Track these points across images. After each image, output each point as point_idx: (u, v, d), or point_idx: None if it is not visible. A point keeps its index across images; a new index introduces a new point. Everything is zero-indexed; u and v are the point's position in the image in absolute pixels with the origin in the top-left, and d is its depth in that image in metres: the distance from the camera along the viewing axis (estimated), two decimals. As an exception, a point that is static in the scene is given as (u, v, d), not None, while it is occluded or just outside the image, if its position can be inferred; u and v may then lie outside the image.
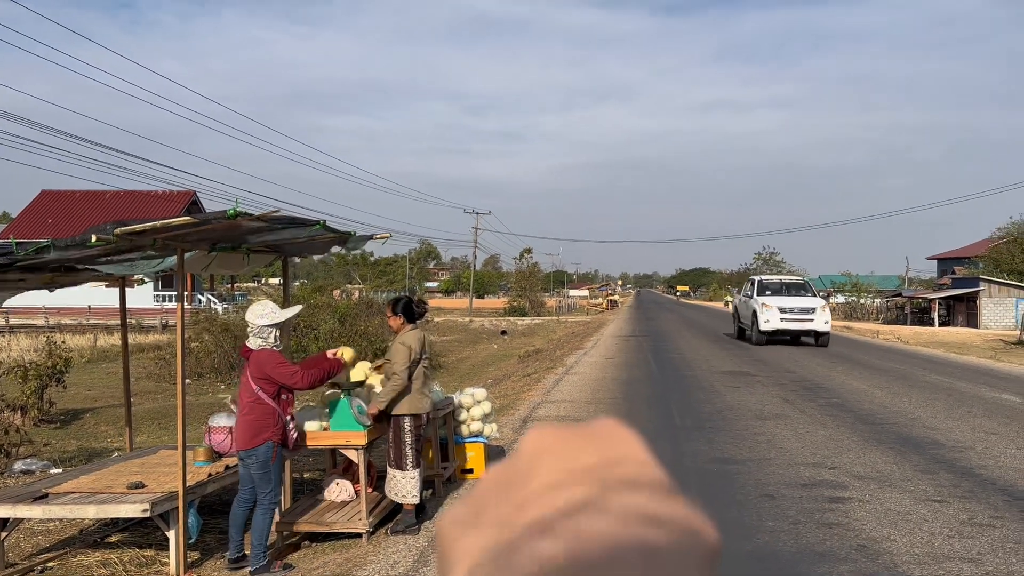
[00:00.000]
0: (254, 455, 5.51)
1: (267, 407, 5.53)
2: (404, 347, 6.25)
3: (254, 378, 5.55)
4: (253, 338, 5.65)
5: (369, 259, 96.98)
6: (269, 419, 5.53)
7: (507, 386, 16.76)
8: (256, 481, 5.57)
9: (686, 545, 0.36)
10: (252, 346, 5.66)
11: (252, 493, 5.66)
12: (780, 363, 20.44)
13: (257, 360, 5.59)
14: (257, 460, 5.51)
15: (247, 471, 5.62)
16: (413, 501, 6.26)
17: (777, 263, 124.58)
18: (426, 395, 6.43)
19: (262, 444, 5.50)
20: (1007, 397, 13.87)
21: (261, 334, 5.62)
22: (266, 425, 5.52)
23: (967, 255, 67.19)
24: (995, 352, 26.39)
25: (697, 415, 11.72)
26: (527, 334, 43.18)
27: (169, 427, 12.58)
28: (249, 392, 5.56)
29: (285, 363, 5.64)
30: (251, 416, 5.52)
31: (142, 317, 42.19)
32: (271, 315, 5.67)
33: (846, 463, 8.43)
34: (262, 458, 5.51)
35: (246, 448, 5.52)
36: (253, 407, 5.53)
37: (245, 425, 5.55)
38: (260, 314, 5.66)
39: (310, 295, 26.37)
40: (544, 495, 0.38)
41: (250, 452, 5.51)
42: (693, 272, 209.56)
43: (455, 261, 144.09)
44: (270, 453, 5.53)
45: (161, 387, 18.53)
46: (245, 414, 5.56)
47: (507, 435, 10.12)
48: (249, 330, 5.69)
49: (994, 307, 46.54)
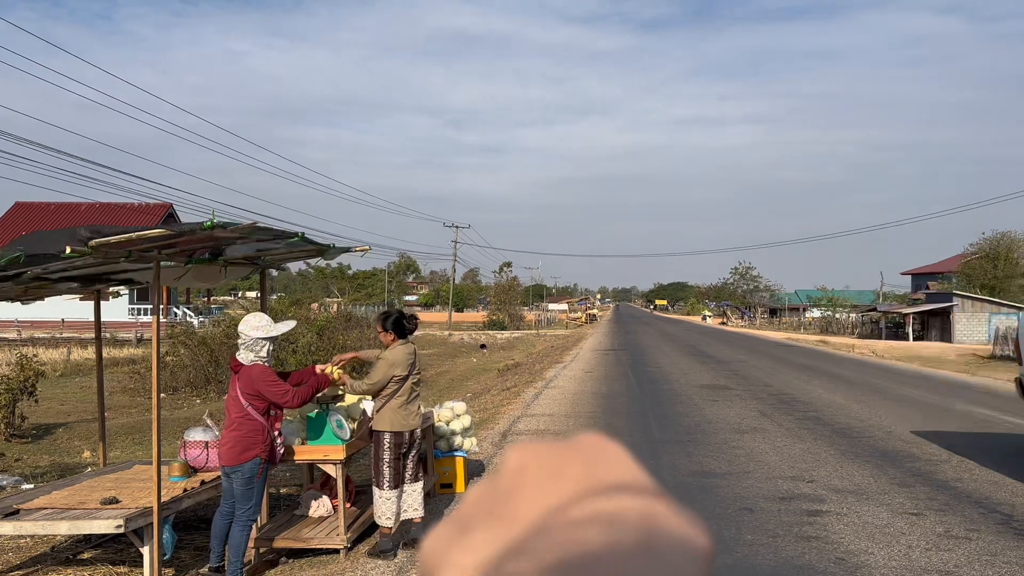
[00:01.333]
0: (239, 471, 5.42)
1: (256, 423, 5.44)
2: (385, 361, 6.09)
3: (244, 393, 5.44)
4: (245, 351, 5.54)
5: (347, 272, 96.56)
6: (258, 436, 5.44)
7: (486, 400, 16.71)
8: (237, 496, 5.48)
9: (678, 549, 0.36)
10: (243, 360, 5.55)
11: (234, 507, 5.58)
12: (758, 377, 20.56)
13: (249, 375, 5.49)
14: (242, 477, 5.42)
15: (230, 485, 5.54)
16: (386, 524, 6.02)
17: (754, 278, 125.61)
18: (412, 412, 6.17)
19: (249, 461, 5.41)
20: (981, 411, 14.03)
21: (254, 347, 5.52)
22: (255, 442, 5.43)
23: (940, 270, 68.07)
24: (969, 366, 26.71)
25: (676, 428, 11.74)
26: (506, 348, 43.14)
27: (143, 442, 12.42)
28: (238, 407, 5.46)
29: (278, 381, 5.56)
30: (239, 432, 5.42)
31: (117, 331, 41.68)
32: (266, 328, 5.58)
33: (824, 476, 8.48)
34: (247, 475, 5.43)
35: (233, 464, 5.42)
36: (242, 423, 5.43)
37: (233, 441, 5.44)
38: (255, 326, 5.56)
39: (288, 308, 26.18)
40: (531, 507, 0.38)
41: (236, 468, 5.42)
42: (671, 286, 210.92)
43: (434, 275, 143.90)
44: (256, 470, 5.45)
45: (135, 401, 18.29)
46: (233, 429, 5.45)
47: (486, 449, 10.08)
48: (241, 342, 5.60)
49: (967, 322, 47.15)
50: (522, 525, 0.37)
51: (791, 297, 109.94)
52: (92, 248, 4.77)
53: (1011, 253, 54.75)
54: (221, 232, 5.03)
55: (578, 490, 0.38)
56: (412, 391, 6.18)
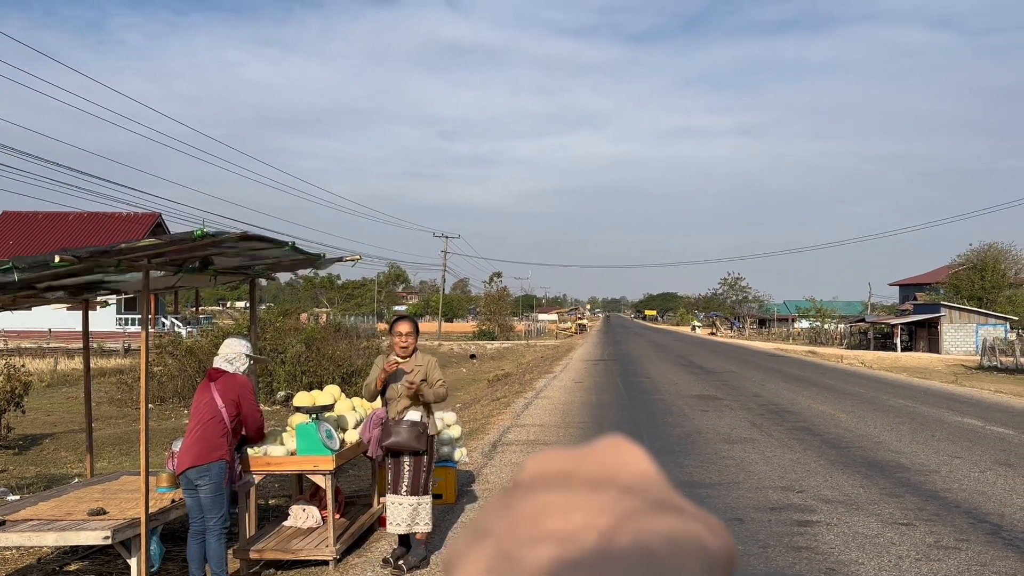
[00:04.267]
0: (207, 474, 5.33)
1: (224, 427, 5.43)
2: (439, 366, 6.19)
3: (223, 397, 5.46)
4: (227, 363, 5.62)
5: (336, 282, 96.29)
6: (223, 439, 5.42)
7: (476, 410, 16.67)
8: (206, 505, 5.37)
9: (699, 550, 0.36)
10: (227, 369, 5.61)
11: (204, 523, 5.49)
12: (747, 387, 20.59)
13: (234, 382, 5.53)
14: (211, 479, 5.34)
15: (195, 500, 5.44)
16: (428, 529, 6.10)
17: (743, 288, 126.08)
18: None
19: (216, 461, 5.36)
20: (969, 421, 14.09)
21: (237, 361, 5.60)
22: (221, 443, 5.40)
23: (928, 281, 68.44)
24: (956, 377, 26.83)
25: (666, 439, 11.74)
26: (496, 358, 43.09)
27: (131, 453, 12.32)
28: (210, 410, 5.43)
29: (256, 400, 5.72)
30: (207, 431, 5.38)
31: (104, 341, 41.42)
32: (250, 347, 5.80)
33: (814, 486, 8.49)
34: (216, 478, 5.36)
35: (200, 463, 5.33)
36: (210, 425, 5.39)
37: (200, 440, 5.38)
38: (242, 343, 5.76)
39: (276, 318, 26.07)
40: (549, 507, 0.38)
41: (204, 470, 5.33)
42: (661, 297, 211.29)
43: (424, 285, 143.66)
44: (223, 473, 5.40)
45: (123, 412, 18.16)
46: (199, 430, 5.40)
47: (476, 459, 10.05)
48: (223, 355, 5.66)
49: (955, 333, 47.41)
50: (534, 525, 0.37)
51: (780, 308, 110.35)
52: (80, 259, 4.75)
53: (998, 264, 55.12)
54: (211, 241, 5.01)
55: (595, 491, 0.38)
56: None
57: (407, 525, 5.88)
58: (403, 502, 5.87)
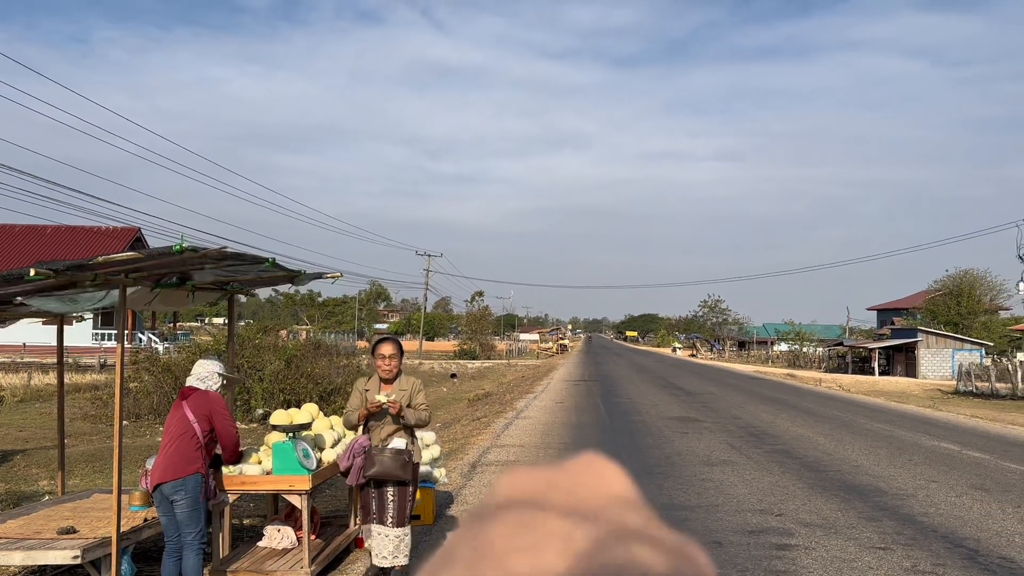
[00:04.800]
0: (183, 488, 5.25)
1: (197, 441, 5.36)
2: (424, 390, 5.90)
3: (195, 412, 5.40)
4: (199, 382, 5.57)
5: (317, 299, 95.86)
6: (198, 452, 5.35)
7: (456, 430, 16.58)
8: (182, 521, 5.28)
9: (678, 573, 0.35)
10: (200, 386, 5.56)
11: (180, 541, 5.40)
12: (727, 410, 20.64)
13: (207, 398, 5.47)
14: (187, 493, 5.26)
15: (169, 518, 5.34)
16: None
17: (723, 311, 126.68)
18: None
19: (192, 475, 5.28)
20: (946, 445, 14.18)
21: (209, 379, 5.55)
22: (195, 457, 5.33)
23: (905, 306, 69.11)
24: (933, 401, 27.04)
25: (646, 461, 11.72)
26: (477, 377, 42.95)
27: (104, 470, 12.13)
28: (183, 425, 5.37)
29: (231, 417, 5.64)
30: (180, 445, 5.31)
31: (80, 356, 40.92)
32: (224, 367, 5.74)
33: (792, 510, 8.49)
34: (192, 492, 5.28)
35: (175, 478, 5.25)
36: (183, 439, 5.33)
37: (175, 454, 5.30)
38: (216, 363, 5.71)
39: (255, 335, 25.86)
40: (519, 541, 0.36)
41: (179, 484, 5.24)
42: (642, 318, 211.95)
43: (405, 303, 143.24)
44: (199, 487, 5.31)
45: (97, 428, 17.91)
46: (172, 445, 5.33)
47: (456, 480, 9.98)
48: (195, 375, 5.61)
49: (932, 357, 47.84)
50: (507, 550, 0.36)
51: (759, 330, 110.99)
52: (57, 272, 4.69)
53: (973, 291, 55.80)
54: (190, 257, 4.96)
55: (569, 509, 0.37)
56: None
57: (392, 558, 5.64)
58: (389, 534, 5.60)
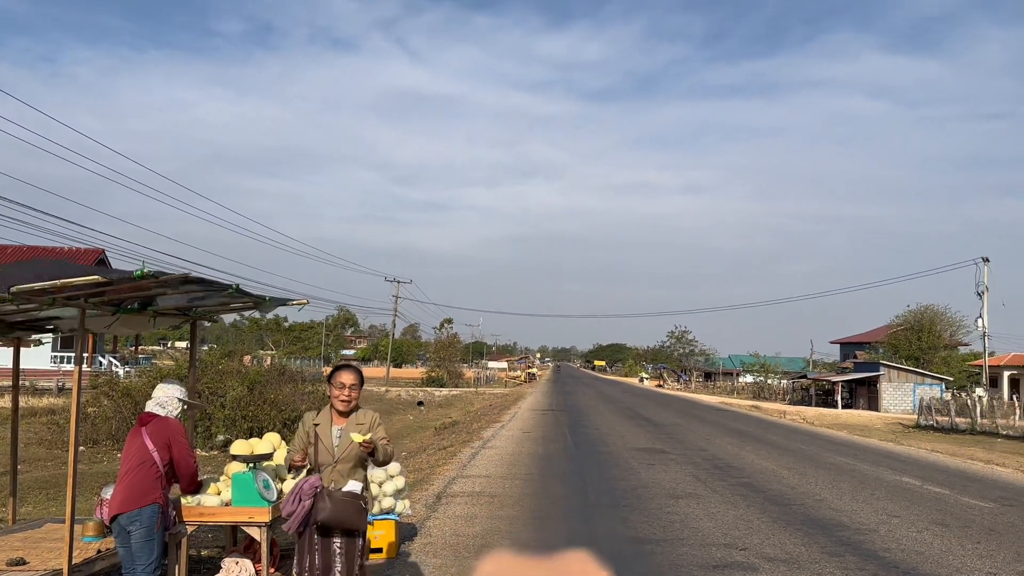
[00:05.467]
0: (138, 519, 5.08)
1: (156, 471, 5.20)
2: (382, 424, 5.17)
3: (154, 441, 5.24)
4: (159, 407, 5.41)
5: (283, 324, 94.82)
6: (156, 483, 5.20)
7: (422, 459, 16.42)
8: (136, 551, 5.10)
9: None
10: (159, 413, 5.41)
11: None
12: (693, 441, 20.69)
13: (166, 425, 5.32)
14: (142, 524, 5.10)
15: (127, 550, 5.17)
16: None
17: (689, 342, 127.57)
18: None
19: (148, 506, 5.12)
20: (907, 480, 14.32)
21: (169, 405, 5.41)
22: (153, 488, 5.17)
23: (868, 340, 70.07)
24: (895, 435, 27.35)
25: (612, 493, 11.68)
26: (444, 405, 42.67)
27: (58, 498, 11.81)
28: (141, 454, 5.21)
29: (188, 444, 5.48)
30: (138, 475, 5.16)
31: (37, 379, 40.03)
32: (184, 392, 5.58)
33: (756, 544, 8.49)
34: (147, 523, 5.12)
35: (131, 509, 5.09)
36: (141, 469, 5.17)
37: (132, 484, 5.15)
38: (175, 387, 5.56)
39: (218, 360, 25.51)
40: None
41: (134, 516, 5.08)
42: (610, 347, 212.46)
43: (374, 329, 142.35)
44: (155, 518, 5.15)
45: (52, 454, 17.47)
46: (130, 475, 5.17)
47: (420, 512, 9.85)
48: (155, 399, 5.45)
49: (893, 391, 48.51)
50: None
51: (725, 362, 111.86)
52: (12, 295, 4.58)
53: (934, 326, 56.81)
54: (151, 282, 4.88)
55: None
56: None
57: None
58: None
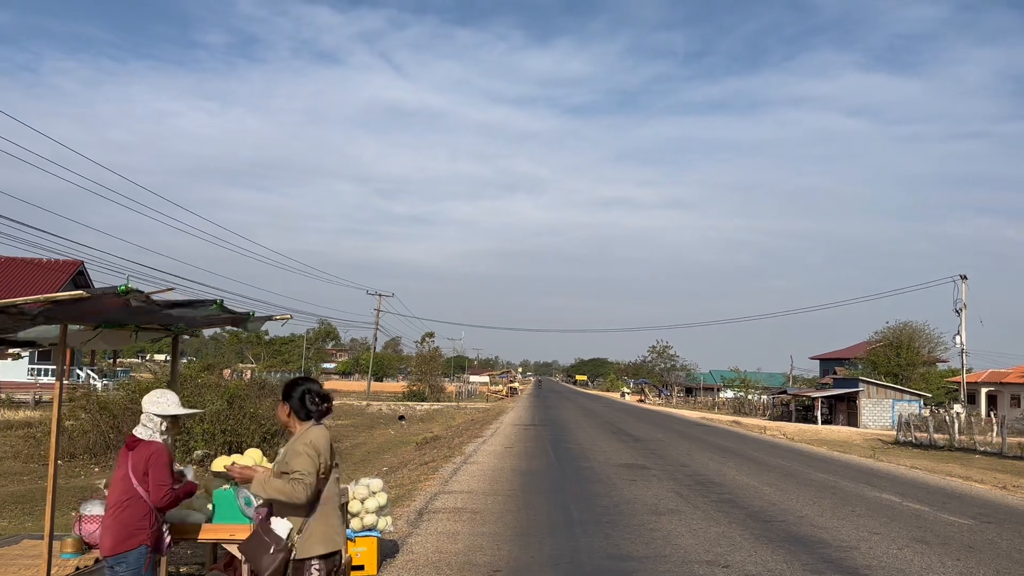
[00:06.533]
0: (124, 562, 4.91)
1: (143, 507, 4.98)
2: (310, 446, 4.24)
3: (136, 472, 5.00)
4: (142, 427, 5.13)
5: (264, 338, 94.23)
6: (144, 521, 4.98)
7: (403, 475, 16.35)
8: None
9: None
10: (142, 436, 5.12)
11: None
12: (675, 457, 20.72)
13: (146, 451, 5.04)
14: (128, 568, 4.93)
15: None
16: None
17: (671, 357, 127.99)
18: (342, 523, 4.41)
19: (134, 549, 4.92)
20: (887, 497, 14.41)
21: (149, 424, 5.12)
22: (140, 528, 4.95)
23: (847, 356, 70.59)
24: (875, 451, 27.53)
25: (594, 509, 11.67)
26: (426, 420, 42.52)
27: (35, 512, 11.66)
28: (125, 488, 4.98)
29: (167, 467, 5.06)
30: (123, 515, 4.94)
31: (13, 392, 39.54)
32: (163, 405, 5.18)
33: (738, 561, 8.51)
34: (133, 566, 4.92)
35: (117, 552, 4.91)
36: (127, 506, 4.95)
37: (117, 526, 4.94)
38: (153, 401, 5.17)
39: (198, 373, 25.31)
40: None
41: (120, 559, 4.91)
42: (591, 362, 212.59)
43: (355, 342, 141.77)
44: (143, 560, 4.96)
45: (29, 468, 17.24)
46: (116, 513, 4.96)
47: (402, 528, 9.80)
48: (141, 419, 5.14)
49: (873, 407, 48.85)
50: None
51: (706, 377, 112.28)
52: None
53: (912, 343, 57.34)
54: (135, 299, 4.84)
55: None
56: (340, 491, 4.51)
57: None
58: None
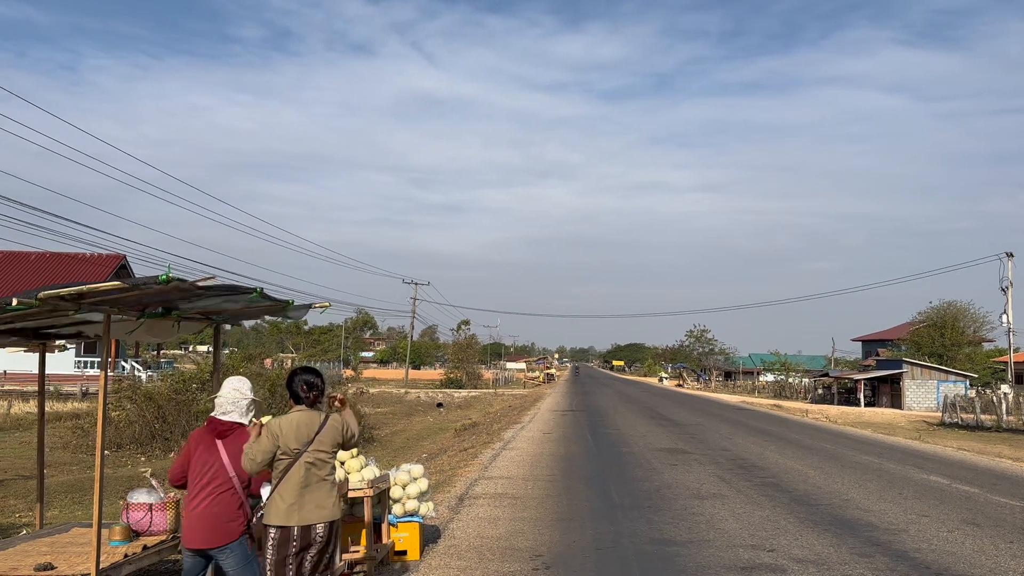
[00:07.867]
0: (229, 550, 4.90)
1: (238, 498, 4.98)
2: (268, 432, 4.67)
3: (233, 461, 4.96)
4: (235, 413, 5.13)
5: (303, 327, 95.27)
6: (241, 510, 4.99)
7: (443, 461, 16.42)
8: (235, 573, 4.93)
9: None
10: (243, 421, 5.10)
11: None
12: (716, 441, 20.55)
13: (242, 437, 4.99)
14: (233, 553, 4.91)
15: (195, 562, 4.99)
16: None
17: (709, 341, 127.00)
18: (306, 502, 4.65)
19: (237, 539, 4.92)
20: (935, 479, 14.13)
21: (245, 405, 5.16)
22: (237, 516, 4.96)
23: (890, 337, 69.46)
24: (920, 433, 27.04)
25: (635, 494, 11.60)
26: (463, 407, 42.73)
27: (84, 502, 11.91)
28: (221, 476, 4.96)
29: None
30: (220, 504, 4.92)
31: (61, 384, 40.46)
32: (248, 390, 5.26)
33: (784, 545, 8.39)
34: (239, 551, 4.93)
35: (218, 545, 4.87)
36: (224, 496, 4.93)
37: (215, 515, 4.90)
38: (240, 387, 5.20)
39: (239, 363, 25.69)
40: None
41: (225, 550, 4.89)
42: (628, 347, 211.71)
43: (392, 331, 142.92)
44: (246, 545, 4.97)
45: (77, 458, 17.63)
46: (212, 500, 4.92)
47: (443, 514, 9.83)
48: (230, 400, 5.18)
49: (916, 389, 48.00)
50: None
51: (745, 361, 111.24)
52: (40, 301, 4.59)
53: (957, 323, 56.24)
54: (177, 286, 4.87)
55: None
56: (308, 473, 4.68)
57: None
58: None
